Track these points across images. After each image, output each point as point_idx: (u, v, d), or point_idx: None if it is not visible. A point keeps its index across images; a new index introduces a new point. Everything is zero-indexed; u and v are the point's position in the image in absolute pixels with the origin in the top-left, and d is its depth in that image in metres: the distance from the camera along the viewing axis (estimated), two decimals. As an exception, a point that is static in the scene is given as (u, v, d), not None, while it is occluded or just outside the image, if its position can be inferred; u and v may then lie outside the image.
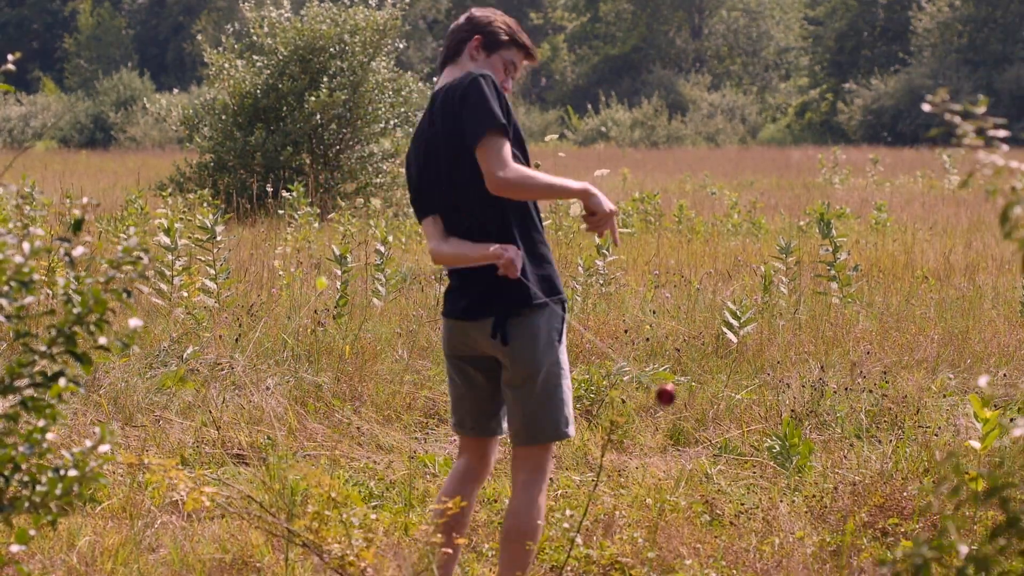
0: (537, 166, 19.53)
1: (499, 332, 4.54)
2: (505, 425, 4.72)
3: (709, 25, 65.74)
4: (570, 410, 4.62)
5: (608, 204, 4.66)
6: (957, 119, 2.85)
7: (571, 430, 4.63)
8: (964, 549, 2.70)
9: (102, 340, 3.39)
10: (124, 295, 3.43)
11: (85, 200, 3.45)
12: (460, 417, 4.77)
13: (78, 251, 3.41)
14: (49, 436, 3.47)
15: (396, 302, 10.38)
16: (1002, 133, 2.86)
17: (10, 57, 3.78)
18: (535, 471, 4.60)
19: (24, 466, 3.46)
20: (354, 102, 19.22)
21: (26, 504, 3.45)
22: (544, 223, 5.43)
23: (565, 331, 4.63)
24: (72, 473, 3.48)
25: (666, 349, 9.11)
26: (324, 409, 7.58)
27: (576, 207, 15.93)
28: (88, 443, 3.54)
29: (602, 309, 10.34)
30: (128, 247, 3.43)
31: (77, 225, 3.43)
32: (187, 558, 5.27)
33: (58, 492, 3.47)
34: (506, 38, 4.75)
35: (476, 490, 4.77)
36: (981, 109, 2.88)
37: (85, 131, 48.75)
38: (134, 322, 3.43)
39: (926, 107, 2.88)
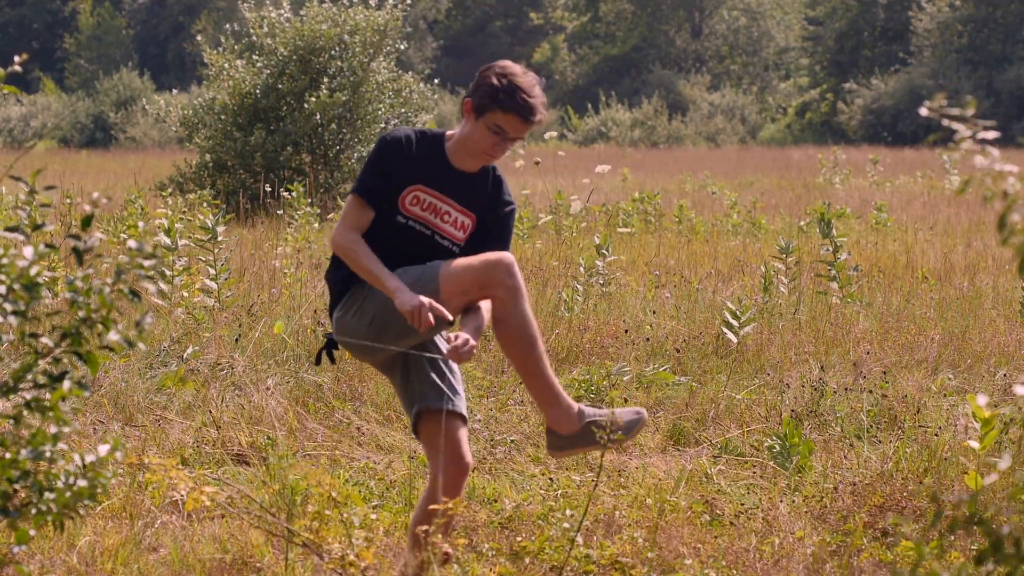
0: (537, 163, 19.07)
1: (320, 358, 5.07)
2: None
3: (709, 25, 65.75)
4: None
5: (407, 307, 4.64)
6: (956, 124, 2.85)
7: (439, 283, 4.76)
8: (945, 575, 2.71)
9: (112, 336, 3.40)
10: (130, 296, 3.43)
11: (96, 195, 3.45)
12: None
13: (89, 242, 3.41)
14: (61, 446, 3.47)
15: (396, 302, 10.36)
16: (991, 135, 2.86)
17: (16, 59, 3.78)
18: (492, 294, 4.79)
19: (32, 472, 3.47)
20: (354, 102, 19.22)
21: (33, 511, 3.45)
22: (543, 221, 5.43)
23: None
24: (81, 483, 3.48)
25: (666, 349, 9.11)
26: (324, 409, 7.59)
27: (576, 204, 15.94)
28: (102, 449, 3.54)
29: (602, 309, 10.34)
30: (134, 249, 3.43)
31: (86, 221, 3.43)
32: (187, 558, 5.27)
33: (65, 497, 3.47)
34: (488, 101, 4.71)
35: (440, 486, 4.90)
36: (970, 111, 2.88)
37: (85, 131, 48.75)
38: (147, 318, 3.43)
39: (924, 111, 2.87)
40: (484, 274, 4.64)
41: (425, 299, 4.57)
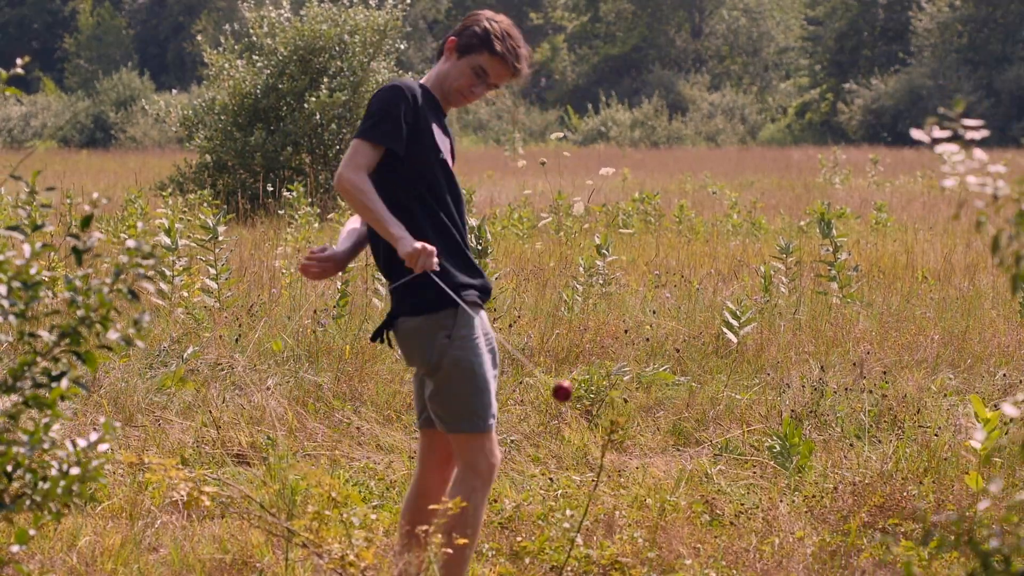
0: (543, 163, 18.97)
1: (375, 335, 4.75)
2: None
3: (709, 25, 65.74)
4: (477, 408, 4.63)
5: (408, 248, 4.53)
6: (947, 148, 2.85)
7: (470, 426, 4.63)
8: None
9: (111, 335, 3.40)
10: (129, 295, 3.43)
11: (95, 196, 3.45)
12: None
13: (91, 240, 3.41)
14: (55, 428, 3.47)
15: (396, 302, 10.37)
16: (980, 134, 2.86)
17: (19, 61, 3.78)
18: (463, 468, 4.68)
19: (26, 463, 3.47)
20: (354, 102, 19.22)
21: (28, 503, 3.45)
22: (543, 222, 5.47)
23: (470, 330, 4.63)
24: (74, 471, 3.48)
25: (666, 349, 9.11)
26: (324, 409, 7.59)
27: (579, 206, 15.95)
28: (93, 436, 3.54)
29: (602, 309, 10.34)
30: (133, 248, 3.43)
31: (86, 221, 3.43)
32: (187, 558, 5.27)
33: (59, 490, 3.47)
34: (476, 42, 4.72)
35: (429, 482, 4.83)
36: (958, 110, 2.88)
37: (85, 131, 48.75)
38: (144, 316, 3.43)
39: (917, 136, 2.87)
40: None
41: (428, 245, 4.53)
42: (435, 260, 4.54)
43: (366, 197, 4.56)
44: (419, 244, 4.51)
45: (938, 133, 2.85)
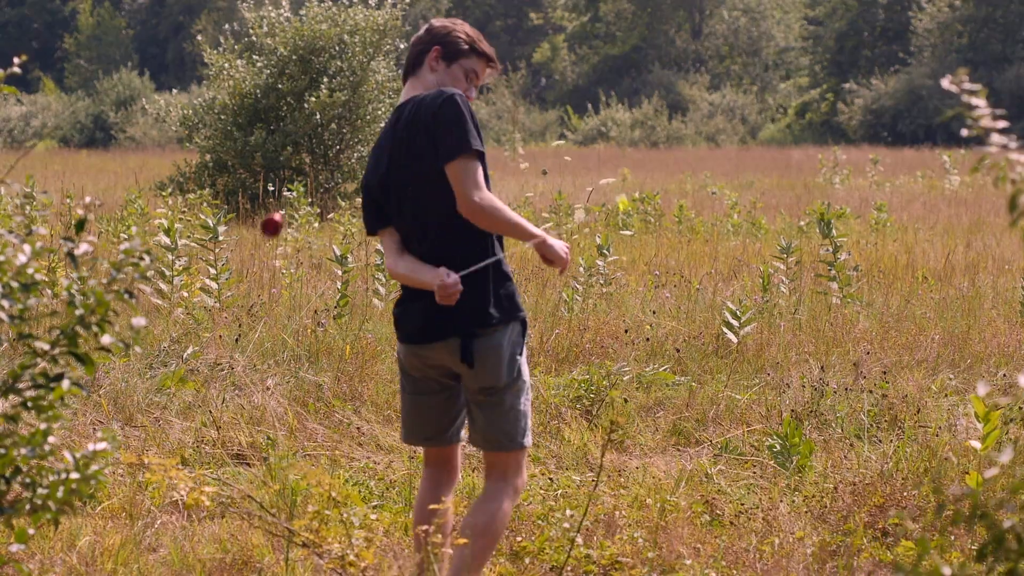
0: (544, 173, 19.05)
1: (466, 355, 4.59)
2: (464, 433, 4.81)
3: (709, 25, 65.74)
4: (528, 422, 4.71)
5: (561, 251, 4.69)
6: (975, 100, 2.86)
7: (527, 441, 4.70)
8: (947, 571, 2.71)
9: (106, 339, 3.39)
10: (127, 296, 3.42)
11: (88, 199, 3.44)
12: (410, 430, 4.80)
13: (82, 249, 3.41)
14: (51, 439, 3.47)
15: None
16: (1001, 124, 2.88)
17: (16, 60, 3.78)
18: (500, 480, 4.68)
19: (25, 468, 3.47)
20: (354, 102, 19.22)
21: (27, 506, 3.45)
22: (546, 227, 5.50)
23: (525, 346, 4.72)
24: (73, 476, 3.48)
25: (666, 349, 9.11)
26: (324, 409, 7.58)
27: (580, 213, 15.97)
28: (92, 446, 3.54)
29: (602, 309, 10.34)
30: (130, 249, 3.43)
31: (80, 225, 3.43)
32: (187, 558, 5.27)
33: (59, 494, 3.47)
34: (466, 47, 4.76)
35: (451, 496, 4.83)
36: (981, 101, 2.89)
37: (85, 131, 48.74)
38: (138, 320, 3.43)
39: (946, 84, 2.88)
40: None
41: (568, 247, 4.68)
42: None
43: (504, 212, 4.57)
44: (567, 246, 4.69)
45: (969, 87, 2.86)
